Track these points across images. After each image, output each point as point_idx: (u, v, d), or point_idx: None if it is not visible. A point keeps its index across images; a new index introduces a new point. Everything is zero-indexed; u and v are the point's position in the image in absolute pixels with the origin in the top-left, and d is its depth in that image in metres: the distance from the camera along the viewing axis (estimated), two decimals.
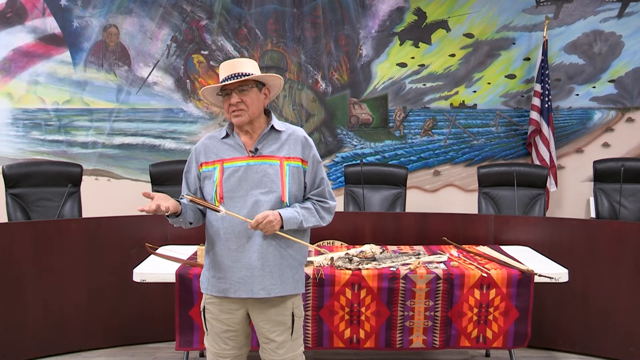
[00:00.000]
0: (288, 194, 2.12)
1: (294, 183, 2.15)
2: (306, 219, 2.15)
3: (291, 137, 2.19)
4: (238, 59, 2.19)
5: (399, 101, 5.32)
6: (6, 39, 5.12)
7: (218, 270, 2.16)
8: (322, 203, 2.22)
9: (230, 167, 2.14)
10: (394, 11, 5.25)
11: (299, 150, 2.17)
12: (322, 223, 2.22)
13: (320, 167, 2.24)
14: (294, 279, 2.19)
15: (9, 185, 4.20)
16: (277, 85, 2.21)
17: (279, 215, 2.08)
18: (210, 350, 2.23)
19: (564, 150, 5.29)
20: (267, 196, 2.11)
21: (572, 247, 3.51)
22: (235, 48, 5.26)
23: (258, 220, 2.05)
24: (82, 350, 3.54)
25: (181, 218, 2.12)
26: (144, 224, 3.61)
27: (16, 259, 3.38)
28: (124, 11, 5.18)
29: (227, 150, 2.16)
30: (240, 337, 2.22)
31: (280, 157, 2.14)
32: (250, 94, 2.11)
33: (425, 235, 3.67)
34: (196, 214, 2.20)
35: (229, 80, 2.08)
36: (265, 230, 2.07)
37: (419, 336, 2.99)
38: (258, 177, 2.12)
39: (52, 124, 5.22)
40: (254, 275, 2.11)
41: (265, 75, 2.14)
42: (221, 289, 2.16)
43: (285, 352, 2.18)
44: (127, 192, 5.18)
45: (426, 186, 5.36)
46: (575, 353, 3.55)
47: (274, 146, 2.16)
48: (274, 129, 2.18)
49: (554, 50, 5.20)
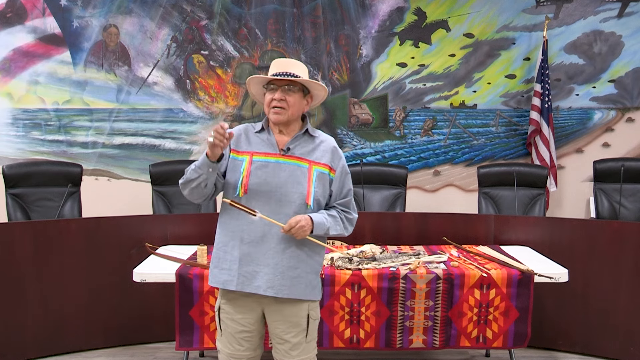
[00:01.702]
0: (313, 198, 2.13)
1: (319, 188, 2.15)
2: (332, 226, 2.16)
3: (323, 143, 2.21)
4: (292, 59, 2.22)
5: (399, 101, 5.32)
6: (6, 39, 5.12)
7: (222, 262, 2.15)
8: (347, 214, 2.25)
9: (259, 160, 2.14)
10: (394, 11, 5.25)
11: (328, 158, 2.19)
12: (345, 233, 2.24)
13: (349, 178, 2.27)
14: (311, 285, 2.17)
15: (9, 185, 4.20)
16: (321, 96, 2.23)
17: (310, 220, 2.09)
18: (224, 351, 2.21)
19: (564, 150, 5.29)
20: (291, 196, 2.11)
21: (572, 247, 3.51)
22: (235, 48, 5.26)
23: (291, 225, 2.05)
24: (82, 350, 3.54)
25: (218, 166, 2.07)
26: (144, 224, 3.61)
27: (16, 259, 3.38)
28: (124, 11, 5.18)
29: (259, 144, 2.17)
30: (255, 339, 2.20)
31: (310, 161, 2.16)
32: (295, 95, 2.13)
33: (425, 235, 3.67)
34: (216, 181, 2.15)
35: (281, 76, 2.10)
36: (297, 235, 2.07)
37: (419, 336, 2.99)
38: (285, 175, 2.12)
39: (52, 124, 5.22)
40: (263, 272, 2.10)
41: (315, 82, 2.16)
42: (221, 281, 2.15)
43: (298, 353, 2.17)
44: (127, 192, 5.18)
45: (426, 186, 5.36)
46: (575, 353, 3.55)
47: (305, 149, 2.17)
48: (307, 133, 2.20)
49: (554, 50, 5.20)
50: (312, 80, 2.16)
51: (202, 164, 2.04)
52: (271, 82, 2.14)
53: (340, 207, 2.24)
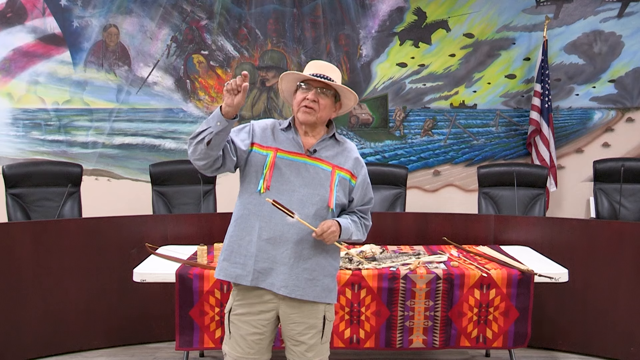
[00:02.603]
0: (335, 201, 2.13)
1: (340, 192, 2.15)
2: (355, 232, 2.17)
3: (346, 150, 2.21)
4: (330, 64, 2.22)
5: (399, 101, 5.32)
6: (6, 39, 5.12)
7: (236, 255, 2.12)
8: (365, 220, 2.26)
9: (284, 158, 2.12)
10: (394, 11, 5.26)
11: (351, 164, 2.19)
12: (362, 238, 2.24)
13: (370, 187, 2.27)
14: (327, 289, 2.15)
15: (9, 185, 4.20)
16: (349, 106, 2.23)
17: (339, 225, 2.09)
18: (232, 354, 2.17)
19: (564, 150, 5.29)
20: (313, 198, 2.10)
21: (572, 247, 3.51)
22: (235, 48, 5.26)
23: (323, 229, 2.04)
24: (82, 350, 3.54)
25: (228, 124, 1.98)
26: (144, 224, 3.61)
27: (16, 259, 3.38)
28: (124, 11, 5.18)
29: (285, 141, 2.15)
30: (265, 342, 2.17)
31: (333, 165, 2.15)
32: (327, 99, 2.13)
33: (425, 235, 3.67)
34: (225, 152, 2.07)
35: (318, 77, 2.11)
36: (328, 240, 2.06)
37: (419, 336, 2.99)
38: (309, 176, 2.11)
39: (52, 124, 5.22)
40: (279, 271, 2.08)
41: (349, 90, 2.16)
42: (233, 275, 2.12)
43: (314, 355, 2.15)
44: (127, 192, 5.18)
45: (426, 186, 5.37)
46: (575, 353, 3.55)
47: (330, 152, 2.17)
48: (334, 138, 2.21)
49: (554, 50, 5.20)
50: (347, 87, 2.15)
51: (213, 116, 1.99)
52: (306, 81, 2.13)
53: (360, 213, 2.25)
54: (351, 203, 2.22)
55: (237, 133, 2.16)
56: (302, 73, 2.13)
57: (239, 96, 1.94)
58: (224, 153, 2.07)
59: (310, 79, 2.11)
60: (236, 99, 1.94)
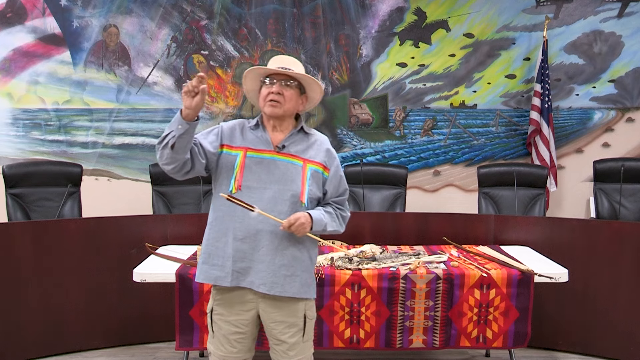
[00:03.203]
0: (307, 196, 2.13)
1: (312, 186, 2.15)
2: (329, 223, 2.17)
3: (317, 142, 2.21)
4: (292, 57, 2.23)
5: (399, 101, 5.32)
6: (6, 39, 5.12)
7: (214, 257, 2.13)
8: (342, 211, 2.27)
9: (254, 157, 2.13)
10: (394, 11, 5.26)
11: (322, 157, 2.19)
12: (340, 230, 2.25)
13: (344, 178, 2.28)
14: (304, 284, 2.16)
15: (9, 185, 4.20)
16: (316, 98, 2.24)
17: (309, 217, 2.09)
18: (216, 353, 2.19)
19: (564, 150, 5.29)
20: (285, 194, 2.10)
21: (572, 247, 3.51)
22: (235, 48, 5.26)
23: (290, 222, 2.04)
24: (82, 350, 3.54)
25: (189, 127, 1.97)
26: (144, 224, 3.61)
27: (16, 259, 3.38)
28: (124, 11, 5.18)
29: (254, 140, 2.16)
30: (247, 340, 2.19)
31: (304, 159, 2.16)
32: (292, 91, 2.14)
33: (425, 235, 3.67)
34: (193, 156, 2.07)
35: (281, 69, 2.12)
36: (297, 232, 2.06)
37: (419, 336, 2.99)
38: (280, 173, 2.12)
39: (52, 124, 5.22)
40: (257, 269, 2.09)
41: (313, 79, 2.17)
42: (212, 277, 2.13)
43: (296, 353, 2.16)
44: (127, 192, 5.18)
45: (426, 186, 5.37)
46: (575, 353, 3.55)
47: (300, 147, 2.17)
48: (302, 131, 2.21)
49: (554, 50, 5.20)
50: (310, 77, 2.16)
51: (174, 120, 1.98)
52: (269, 75, 2.14)
53: (336, 204, 2.25)
54: (325, 195, 2.22)
55: (205, 136, 2.18)
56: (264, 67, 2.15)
57: (198, 98, 1.93)
58: (192, 156, 2.08)
59: (272, 71, 2.13)
60: (194, 101, 1.93)
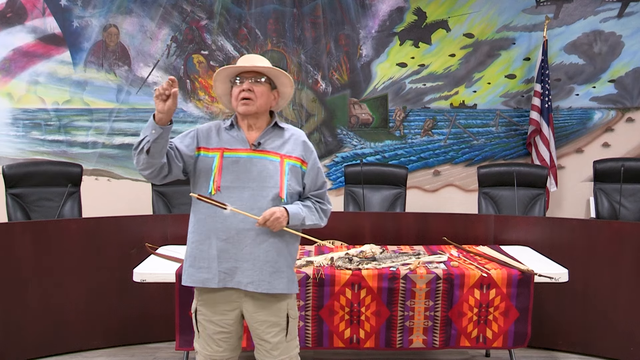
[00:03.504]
0: (286, 191, 2.13)
1: (292, 181, 2.16)
2: (308, 216, 2.17)
3: (293, 137, 2.22)
4: (258, 55, 2.24)
5: (399, 101, 5.32)
6: (6, 39, 5.12)
7: (199, 260, 2.13)
8: (321, 204, 2.26)
9: (230, 157, 2.13)
10: (394, 11, 5.26)
11: (300, 151, 2.20)
12: (321, 223, 2.25)
13: (322, 171, 2.29)
14: (290, 279, 2.17)
15: (9, 185, 4.20)
16: (288, 92, 2.24)
17: (285, 211, 2.09)
18: (202, 352, 2.21)
19: (564, 150, 5.29)
20: (264, 191, 2.11)
21: (572, 247, 3.50)
22: (235, 48, 5.26)
23: (265, 217, 2.05)
24: (82, 350, 3.54)
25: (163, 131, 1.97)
26: (144, 224, 3.61)
27: (16, 259, 3.38)
28: (124, 11, 5.18)
29: (230, 140, 2.17)
30: (233, 339, 2.21)
31: (281, 154, 2.16)
32: (262, 87, 2.14)
33: (425, 235, 3.67)
34: (170, 159, 2.08)
35: (248, 66, 2.13)
36: (273, 227, 2.07)
37: (419, 336, 2.99)
38: (257, 170, 2.12)
39: (52, 124, 5.22)
40: (243, 268, 2.09)
41: (281, 72, 2.17)
42: (200, 280, 2.13)
43: (279, 353, 2.16)
44: (127, 192, 5.18)
45: (426, 186, 5.37)
46: (575, 353, 3.55)
47: (276, 143, 2.18)
48: (277, 126, 2.21)
49: (554, 50, 5.20)
50: (279, 69, 2.17)
51: (148, 125, 1.99)
52: (238, 75, 2.15)
53: (315, 198, 2.26)
54: (304, 189, 2.23)
55: (182, 139, 2.18)
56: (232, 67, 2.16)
57: (169, 102, 1.94)
58: (169, 160, 2.09)
59: (240, 69, 2.13)
60: (167, 105, 1.94)
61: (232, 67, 2.15)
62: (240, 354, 2.28)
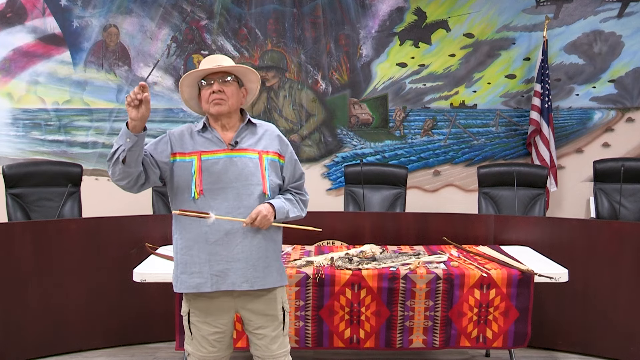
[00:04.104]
0: (269, 186, 2.14)
1: (272, 175, 2.17)
2: (291, 209, 2.19)
3: (267, 132, 2.23)
4: (220, 55, 2.24)
5: (399, 101, 5.32)
6: (6, 39, 5.12)
7: (190, 265, 2.13)
8: (301, 196, 2.29)
9: (209, 159, 2.13)
10: (394, 11, 5.25)
11: (276, 145, 2.21)
12: (302, 214, 2.27)
13: (299, 163, 2.31)
14: (279, 272, 2.20)
15: (9, 185, 4.20)
16: (255, 88, 2.24)
17: (270, 207, 2.11)
18: (196, 354, 2.19)
19: (564, 150, 5.29)
20: (248, 189, 2.11)
21: (572, 247, 3.51)
22: (235, 48, 5.26)
23: (252, 218, 2.06)
24: (82, 350, 3.54)
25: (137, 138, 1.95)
26: (144, 224, 3.61)
27: (16, 259, 3.38)
28: (124, 11, 5.18)
29: (205, 142, 2.16)
30: (226, 339, 2.21)
31: (259, 151, 2.17)
32: (231, 86, 2.15)
33: (425, 235, 3.67)
34: (146, 167, 2.07)
35: (213, 67, 2.12)
36: (262, 225, 2.08)
37: (419, 336, 2.99)
38: (238, 169, 2.12)
39: (52, 124, 5.22)
40: (235, 268, 2.09)
41: (247, 68, 2.18)
42: (193, 285, 2.12)
43: (278, 347, 2.18)
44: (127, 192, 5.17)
45: (426, 186, 5.36)
46: (575, 353, 3.55)
47: (252, 140, 2.18)
48: (250, 123, 2.22)
49: (554, 50, 5.20)
50: (244, 66, 2.18)
51: (121, 134, 1.97)
52: (205, 77, 2.14)
53: (294, 190, 2.28)
54: (283, 182, 2.24)
55: (155, 145, 2.16)
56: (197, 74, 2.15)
57: (142, 108, 1.93)
58: (145, 167, 2.08)
59: (207, 72, 2.12)
60: (140, 112, 1.93)
61: (199, 70, 2.14)
62: (239, 354, 2.28)
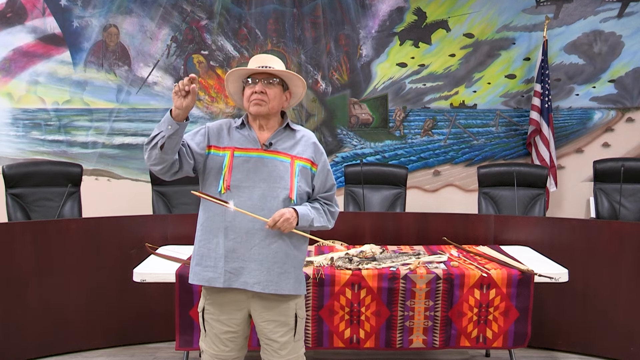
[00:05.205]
0: (296, 192, 2.12)
1: (301, 182, 2.15)
2: (316, 218, 2.17)
3: (304, 138, 2.21)
4: (271, 55, 2.23)
5: (399, 101, 5.32)
6: (6, 39, 5.12)
7: (206, 259, 2.13)
8: (329, 207, 2.26)
9: (241, 156, 2.13)
10: (394, 11, 5.26)
11: (310, 153, 2.19)
12: (329, 225, 2.24)
13: (331, 173, 2.28)
14: (297, 280, 2.16)
15: (9, 185, 4.20)
16: (299, 93, 2.24)
17: (295, 212, 2.09)
18: (208, 352, 2.20)
19: (564, 150, 5.29)
20: (274, 191, 2.10)
21: (572, 247, 3.51)
22: (235, 48, 5.26)
23: (275, 219, 2.04)
24: (82, 350, 3.54)
25: (179, 127, 1.97)
26: (144, 224, 3.61)
27: (16, 259, 3.38)
28: (124, 11, 5.18)
29: (241, 139, 2.16)
30: (239, 339, 2.20)
31: (292, 156, 2.16)
32: (275, 89, 2.14)
33: (425, 235, 3.67)
34: (181, 156, 2.07)
35: (261, 68, 2.12)
36: (283, 229, 2.06)
37: (419, 336, 2.99)
38: (268, 170, 2.11)
39: (52, 124, 5.22)
40: (250, 268, 2.09)
41: (294, 75, 2.17)
42: (205, 278, 2.13)
43: (287, 353, 2.16)
44: (127, 192, 5.18)
45: (426, 186, 5.37)
46: (575, 353, 3.55)
47: (287, 144, 2.17)
48: (289, 127, 2.21)
49: (554, 50, 5.20)
50: (292, 72, 2.17)
51: (164, 120, 1.98)
52: (251, 76, 2.14)
53: (324, 200, 2.25)
54: (313, 191, 2.22)
55: (192, 136, 2.17)
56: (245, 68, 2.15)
57: (188, 98, 1.94)
58: (180, 157, 2.08)
59: (253, 71, 2.12)
60: (185, 102, 1.94)
61: (245, 69, 2.14)
62: (246, 354, 2.28)
